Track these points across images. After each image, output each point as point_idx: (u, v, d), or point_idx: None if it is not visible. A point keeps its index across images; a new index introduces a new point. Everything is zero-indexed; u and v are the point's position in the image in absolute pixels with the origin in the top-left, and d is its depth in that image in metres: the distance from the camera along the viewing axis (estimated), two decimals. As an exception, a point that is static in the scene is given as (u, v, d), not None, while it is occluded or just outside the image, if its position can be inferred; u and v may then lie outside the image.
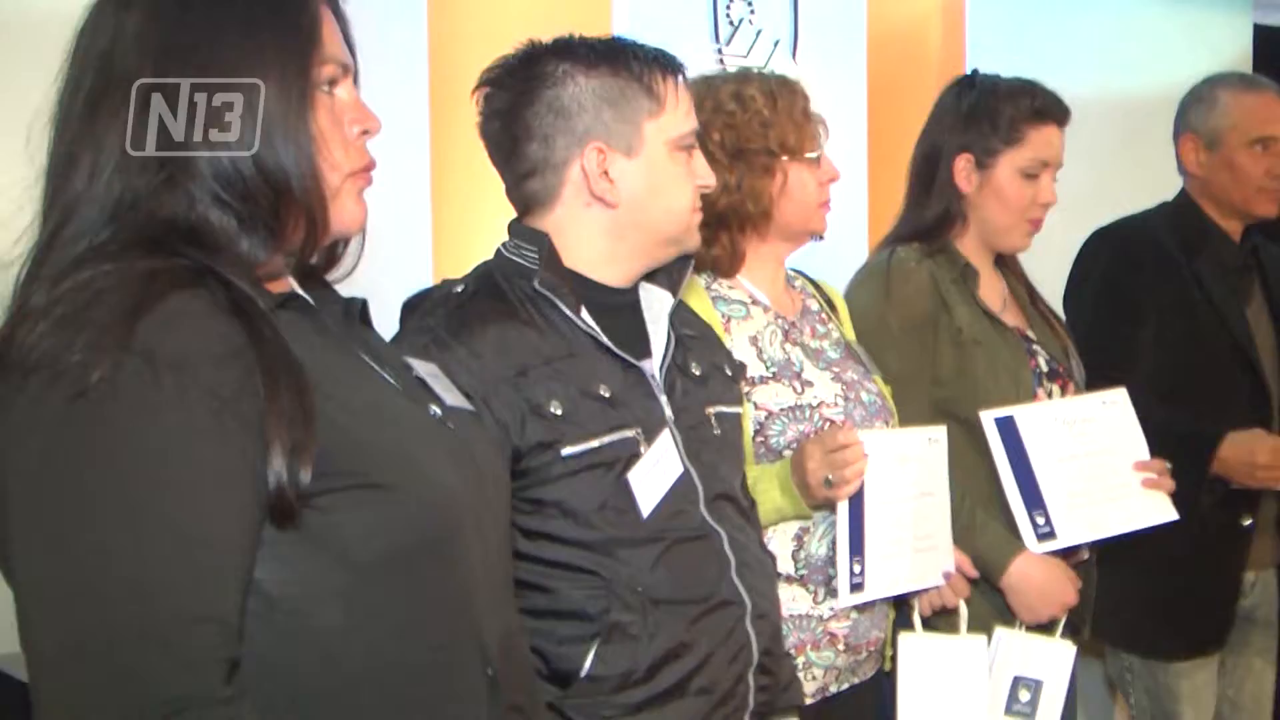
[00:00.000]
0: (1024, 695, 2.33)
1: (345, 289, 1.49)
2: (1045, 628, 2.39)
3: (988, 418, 2.37)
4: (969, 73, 2.64)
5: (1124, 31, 4.18)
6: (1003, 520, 2.38)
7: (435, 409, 1.43)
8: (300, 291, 1.39)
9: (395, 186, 2.81)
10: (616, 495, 1.74)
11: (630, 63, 1.81)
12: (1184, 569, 2.75)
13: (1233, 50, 4.42)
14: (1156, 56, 4.21)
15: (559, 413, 1.73)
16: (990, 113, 2.50)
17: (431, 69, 2.88)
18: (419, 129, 2.87)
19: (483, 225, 1.95)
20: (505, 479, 1.53)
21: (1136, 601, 2.51)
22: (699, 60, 3.03)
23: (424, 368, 1.53)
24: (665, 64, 1.83)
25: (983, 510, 2.38)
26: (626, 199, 1.82)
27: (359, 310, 1.45)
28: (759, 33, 3.47)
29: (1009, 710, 2.33)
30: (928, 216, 2.55)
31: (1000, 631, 2.35)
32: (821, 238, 2.37)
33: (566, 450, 1.73)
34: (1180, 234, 2.94)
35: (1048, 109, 2.50)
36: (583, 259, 1.85)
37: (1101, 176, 3.54)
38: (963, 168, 2.52)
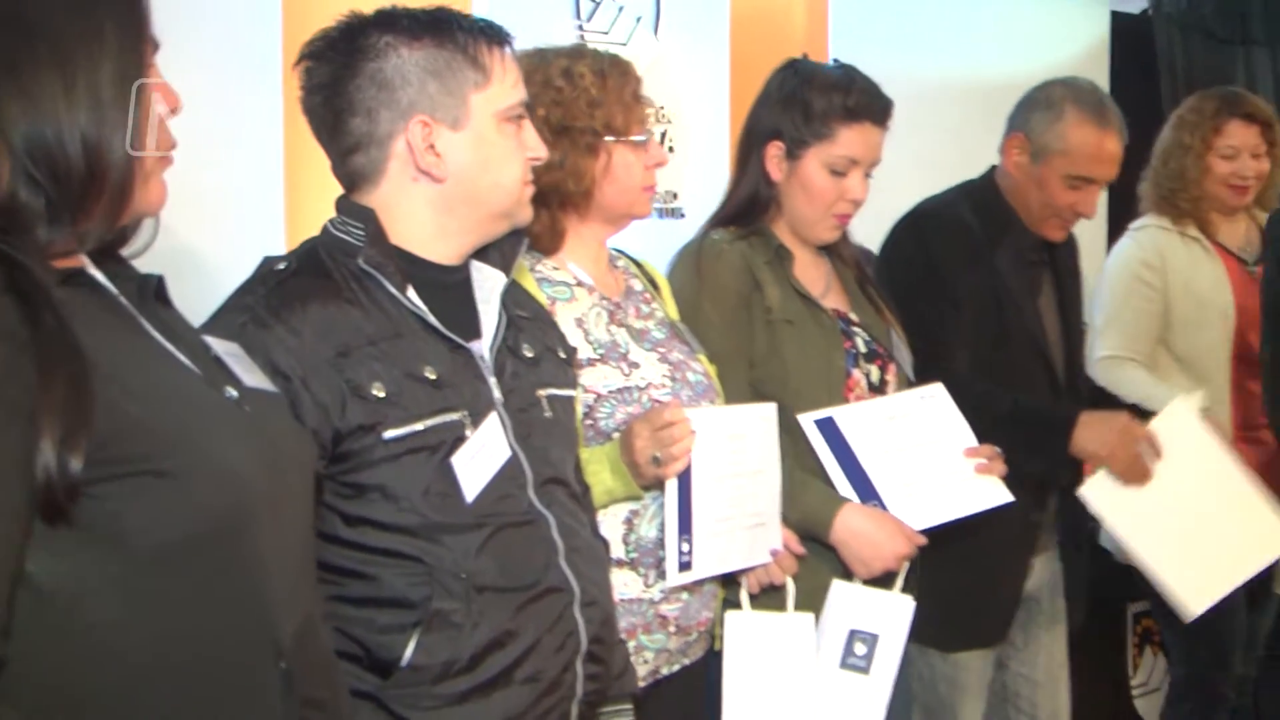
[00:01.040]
0: (860, 649, 2.30)
1: (202, 267, 1.43)
2: (883, 582, 2.35)
3: (807, 420, 2.35)
4: (796, 58, 2.56)
5: (985, 16, 4.22)
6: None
7: (232, 391, 1.38)
8: (92, 269, 1.33)
9: (248, 164, 2.74)
10: (440, 479, 1.69)
11: (455, 34, 1.76)
12: (973, 564, 2.69)
13: (1090, 37, 4.48)
14: (1017, 41, 4.24)
15: (381, 395, 1.67)
16: (803, 104, 2.43)
17: (285, 44, 2.80)
18: (272, 104, 2.79)
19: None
20: (308, 463, 1.47)
21: (923, 592, 2.48)
22: (560, 37, 2.97)
23: (223, 347, 1.46)
24: (491, 34, 1.79)
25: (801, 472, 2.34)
26: (454, 173, 1.77)
27: (155, 287, 1.39)
28: (621, 9, 3.43)
29: (844, 664, 2.29)
30: (739, 199, 2.52)
31: (837, 584, 2.31)
32: (683, 215, 2.34)
33: (388, 433, 1.67)
34: (984, 221, 2.89)
35: (861, 108, 2.41)
36: (411, 236, 1.80)
37: (961, 158, 3.54)
38: (774, 155, 2.47)
